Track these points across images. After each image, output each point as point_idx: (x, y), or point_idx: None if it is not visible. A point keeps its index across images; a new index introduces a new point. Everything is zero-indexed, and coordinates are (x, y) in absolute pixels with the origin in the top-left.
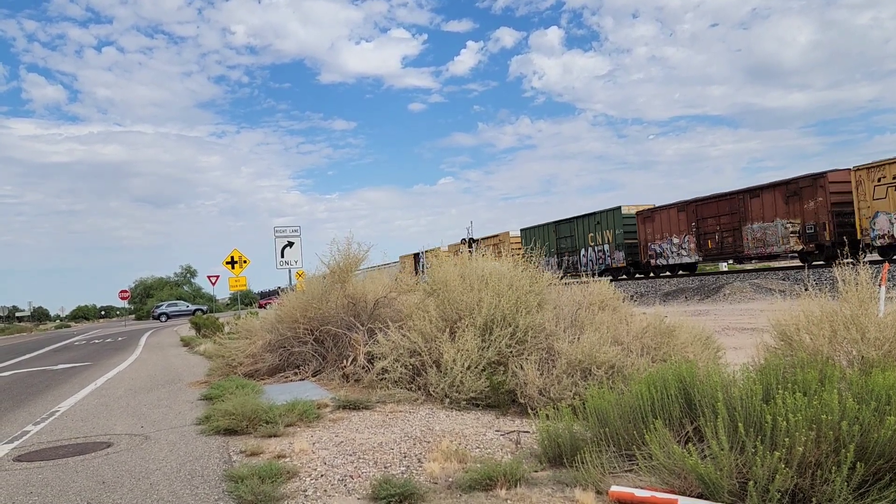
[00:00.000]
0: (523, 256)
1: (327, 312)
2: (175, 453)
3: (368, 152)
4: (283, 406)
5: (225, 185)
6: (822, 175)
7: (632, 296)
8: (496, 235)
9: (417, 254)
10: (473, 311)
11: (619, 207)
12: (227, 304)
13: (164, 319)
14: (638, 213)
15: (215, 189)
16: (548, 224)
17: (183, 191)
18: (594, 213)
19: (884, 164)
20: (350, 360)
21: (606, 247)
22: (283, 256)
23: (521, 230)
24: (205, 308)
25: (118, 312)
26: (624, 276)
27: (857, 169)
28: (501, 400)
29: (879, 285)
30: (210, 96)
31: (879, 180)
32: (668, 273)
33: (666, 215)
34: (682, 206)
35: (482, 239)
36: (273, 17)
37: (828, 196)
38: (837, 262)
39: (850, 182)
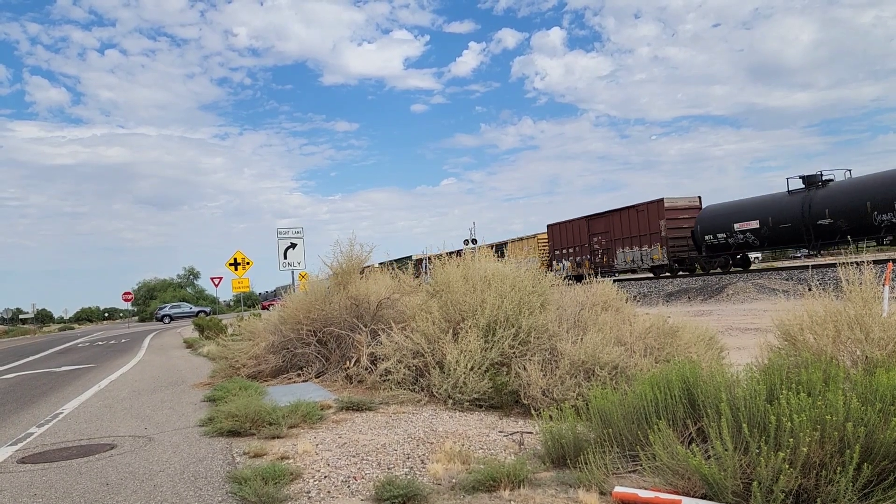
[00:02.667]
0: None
1: (330, 314)
2: (179, 455)
3: (371, 153)
4: (287, 407)
5: (228, 186)
6: (505, 242)
7: (635, 296)
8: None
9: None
10: (476, 312)
11: (411, 255)
12: (230, 306)
13: (167, 321)
14: (428, 258)
15: (218, 191)
16: (388, 261)
17: (186, 192)
18: (411, 256)
19: (517, 240)
20: (353, 361)
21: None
22: (286, 258)
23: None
24: (208, 310)
25: (122, 314)
26: None
27: (511, 241)
28: (505, 401)
29: (883, 285)
30: (213, 98)
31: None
32: None
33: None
34: (456, 254)
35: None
36: (275, 18)
37: (512, 251)
38: None
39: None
